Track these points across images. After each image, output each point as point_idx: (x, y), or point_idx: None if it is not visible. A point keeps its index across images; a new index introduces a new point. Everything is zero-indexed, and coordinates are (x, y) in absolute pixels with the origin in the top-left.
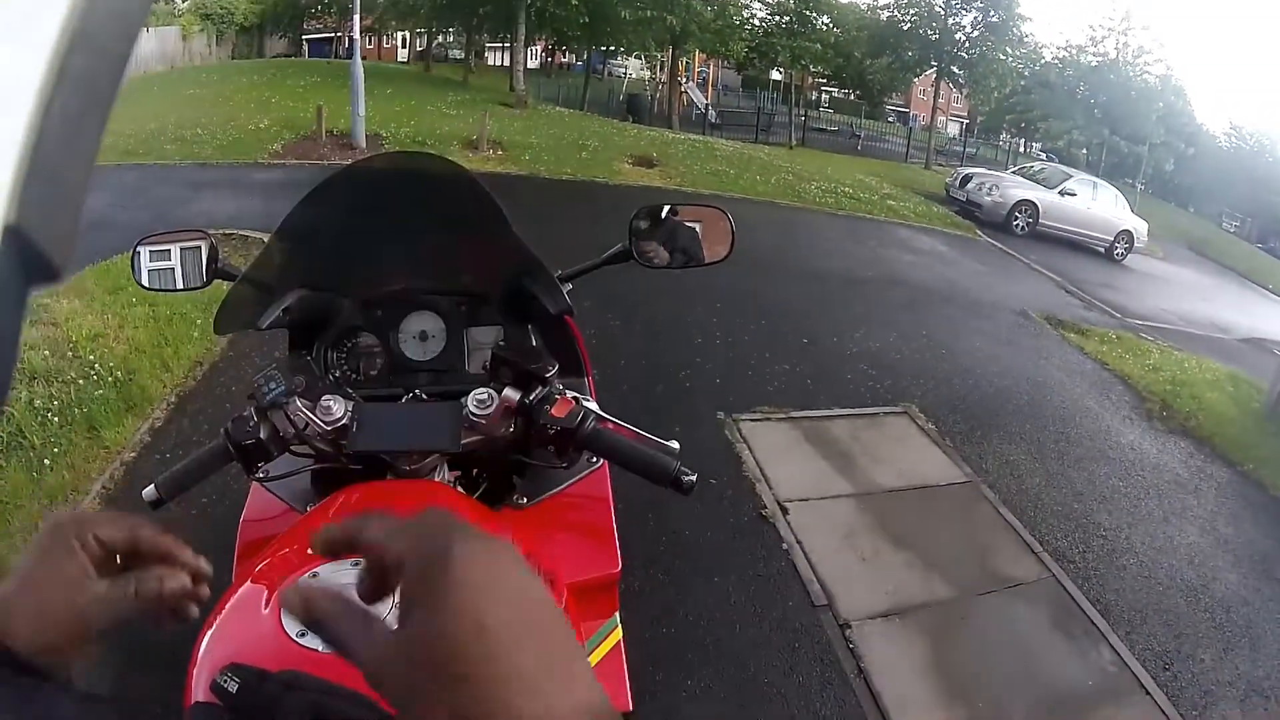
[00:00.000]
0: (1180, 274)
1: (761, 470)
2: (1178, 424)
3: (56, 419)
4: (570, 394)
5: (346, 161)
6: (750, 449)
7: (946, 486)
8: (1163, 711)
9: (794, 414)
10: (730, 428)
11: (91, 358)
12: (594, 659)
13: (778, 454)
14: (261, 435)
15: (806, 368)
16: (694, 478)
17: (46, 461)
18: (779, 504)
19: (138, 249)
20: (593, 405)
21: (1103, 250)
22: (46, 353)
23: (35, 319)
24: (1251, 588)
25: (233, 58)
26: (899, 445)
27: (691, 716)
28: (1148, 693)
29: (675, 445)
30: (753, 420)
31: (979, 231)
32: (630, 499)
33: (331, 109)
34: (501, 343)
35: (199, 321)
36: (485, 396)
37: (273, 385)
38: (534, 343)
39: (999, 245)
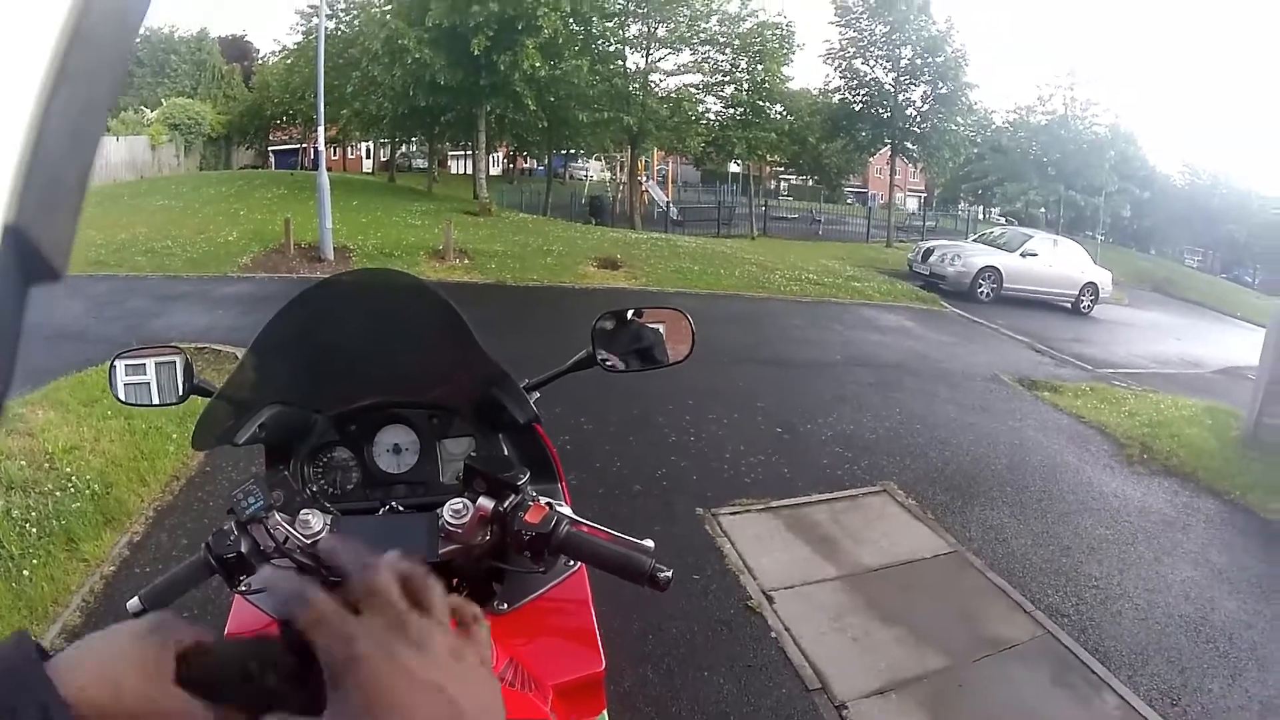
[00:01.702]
0: (1148, 317)
1: (744, 562)
2: (1159, 464)
3: (34, 530)
4: (543, 500)
5: (315, 274)
6: (731, 542)
7: (931, 559)
8: None
9: (773, 503)
10: (710, 522)
11: (68, 470)
12: None
13: (759, 544)
14: (242, 549)
15: (782, 457)
16: (670, 573)
17: (25, 572)
18: (764, 594)
19: (114, 364)
20: (566, 510)
21: (1069, 305)
22: (23, 462)
23: (11, 429)
24: (1252, 611)
25: (201, 168)
26: (880, 524)
27: None
28: None
29: (649, 544)
30: (732, 513)
31: (944, 303)
32: (614, 598)
33: (299, 221)
34: (473, 453)
35: (174, 436)
36: (460, 507)
37: (251, 500)
38: (505, 451)
39: (966, 314)
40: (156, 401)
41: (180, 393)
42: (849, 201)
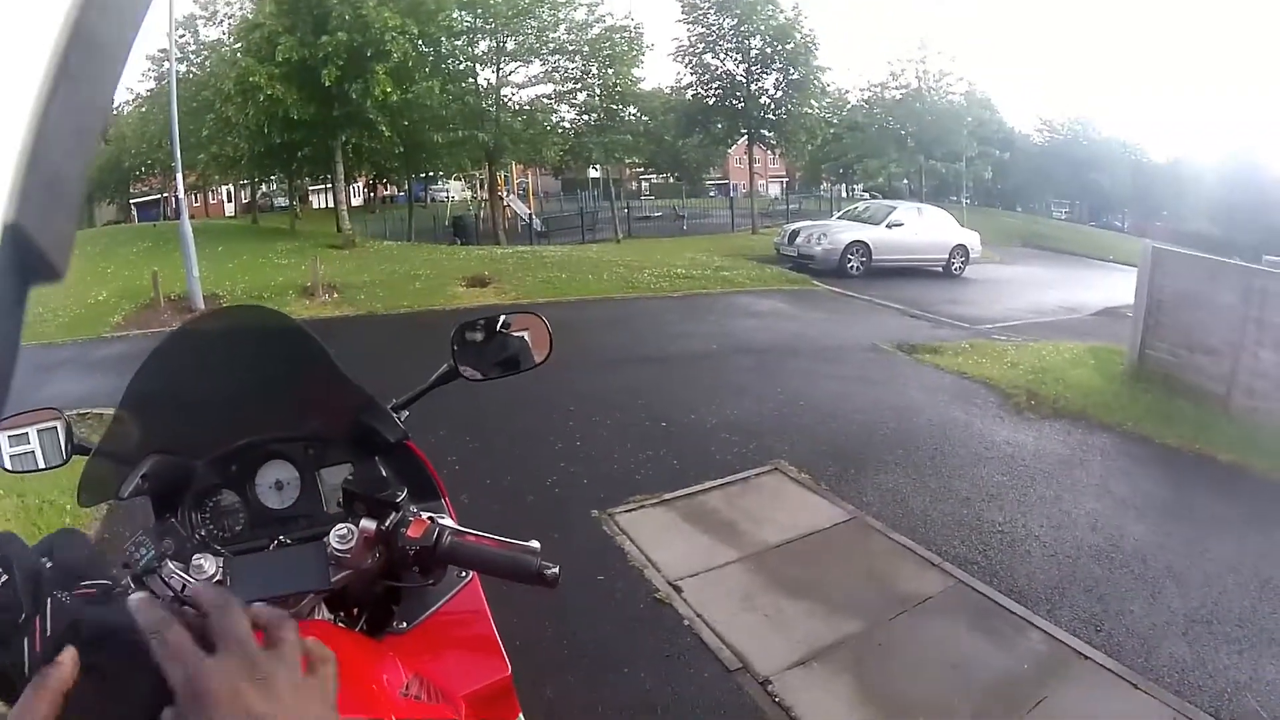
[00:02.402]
0: (1021, 272)
1: (647, 556)
2: (1048, 409)
3: None
4: (425, 514)
5: None
6: (631, 539)
7: (831, 528)
8: (1106, 669)
9: (666, 496)
10: (607, 523)
11: None
12: None
13: (659, 538)
14: None
15: (670, 450)
16: (557, 570)
17: None
18: (671, 585)
19: None
20: (447, 521)
21: (941, 269)
22: None
23: None
24: (1162, 532)
25: None
26: (776, 501)
27: None
28: (1087, 657)
29: (535, 544)
30: (628, 511)
31: (816, 282)
32: (524, 611)
33: (166, 273)
34: (349, 478)
35: (68, 507)
36: (345, 532)
37: (143, 551)
38: (383, 473)
39: (839, 290)
40: (42, 466)
41: (64, 455)
42: (712, 195)
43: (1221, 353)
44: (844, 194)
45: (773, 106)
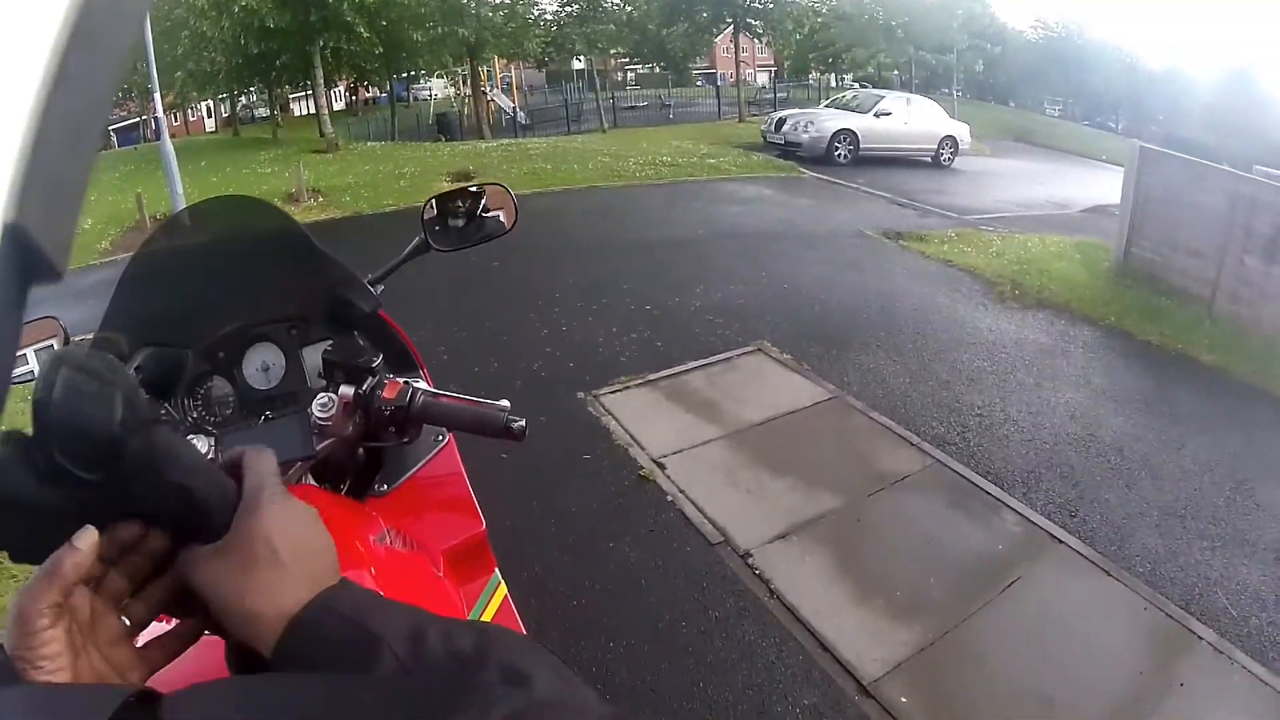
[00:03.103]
0: (1011, 165)
1: (631, 436)
2: (1032, 299)
3: None
4: (399, 379)
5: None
6: (616, 419)
7: (812, 407)
8: (1080, 554)
9: (651, 377)
10: (592, 404)
11: None
12: (486, 616)
13: (644, 417)
14: None
15: (654, 333)
16: (523, 423)
17: None
18: (655, 462)
19: None
20: (421, 384)
21: (929, 160)
22: None
23: None
24: (1140, 425)
25: None
26: (758, 381)
27: (624, 677)
28: (1060, 541)
29: (505, 403)
30: (613, 392)
31: (802, 169)
32: (513, 493)
33: (150, 194)
34: (328, 349)
35: None
36: (325, 400)
37: None
38: (360, 343)
39: (825, 178)
40: (38, 373)
41: None
42: (699, 84)
43: (1206, 256)
44: (833, 84)
45: None
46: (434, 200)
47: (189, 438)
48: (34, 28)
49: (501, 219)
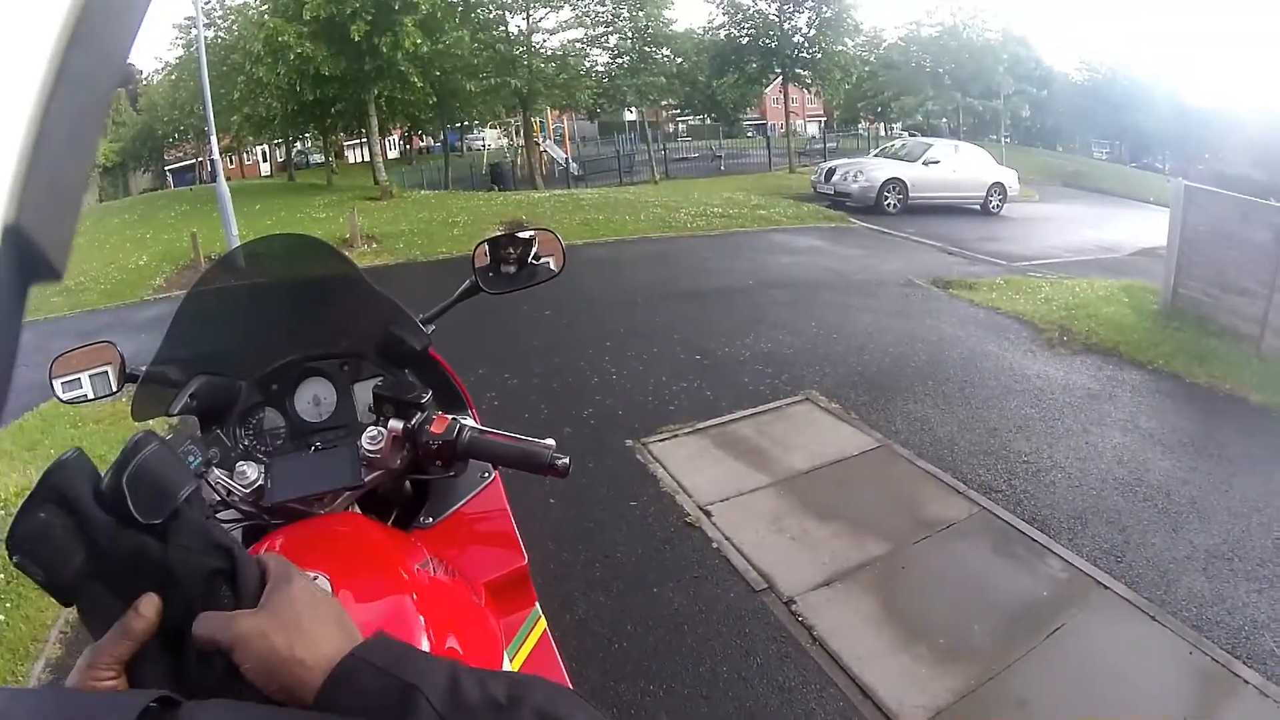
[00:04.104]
0: (1059, 210)
1: (678, 483)
2: (1080, 344)
3: (2, 575)
4: (447, 414)
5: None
6: (664, 466)
7: (859, 455)
8: (1125, 599)
9: (699, 425)
10: (641, 451)
11: None
12: (525, 650)
13: (691, 465)
14: None
15: (704, 381)
16: (567, 460)
17: (1, 617)
18: (701, 509)
19: (53, 377)
20: (468, 420)
21: (978, 207)
22: None
23: None
24: (1187, 468)
25: (100, 200)
26: (806, 430)
27: (668, 717)
28: (1105, 587)
29: (551, 441)
30: (661, 440)
31: (852, 219)
32: (559, 537)
33: (205, 234)
34: (379, 384)
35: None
36: (375, 433)
37: (191, 459)
38: (410, 379)
39: (875, 227)
40: (91, 397)
41: (114, 386)
42: (749, 135)
43: (1255, 294)
44: (882, 132)
45: (806, 45)
46: (485, 244)
47: (241, 461)
48: (34, 28)
49: (550, 265)
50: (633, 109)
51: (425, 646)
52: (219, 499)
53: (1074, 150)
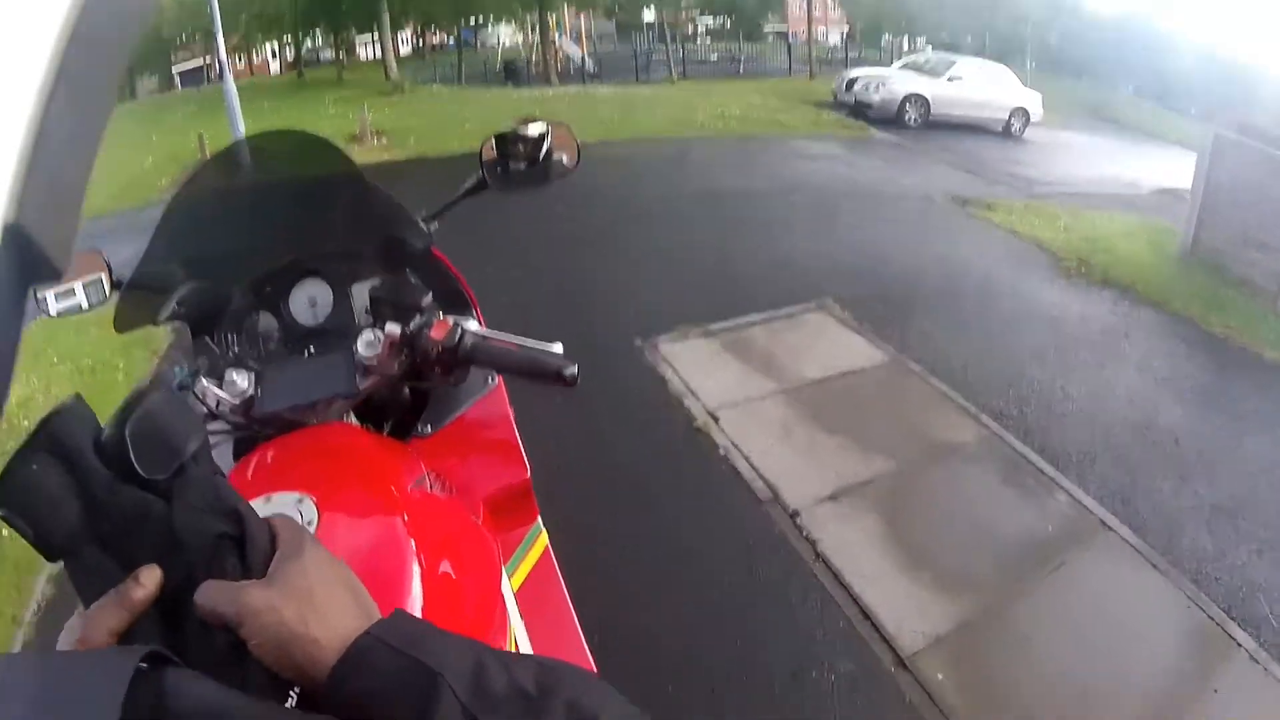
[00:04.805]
0: (1083, 140)
1: (687, 386)
2: (1098, 277)
3: None
4: (449, 318)
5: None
6: (673, 368)
7: (871, 369)
8: (1129, 543)
9: (711, 328)
10: (650, 352)
11: (25, 423)
12: (525, 567)
13: (701, 368)
14: None
15: (718, 283)
16: (575, 369)
17: (5, 532)
18: (709, 414)
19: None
20: (471, 324)
21: (1000, 129)
22: None
23: None
24: (1198, 418)
25: None
26: (819, 339)
27: (666, 629)
28: (1111, 529)
29: (558, 347)
30: (671, 341)
31: (872, 129)
32: (570, 442)
33: (212, 135)
34: (376, 285)
35: (121, 365)
36: (371, 337)
37: (178, 370)
38: (411, 280)
39: (895, 140)
40: (85, 307)
41: (104, 294)
42: (770, 40)
43: (1275, 249)
44: (905, 46)
45: None
46: (494, 139)
47: (230, 370)
48: (34, 28)
49: (564, 161)
50: (652, 9)
51: (416, 571)
52: (207, 411)
53: (1101, 83)
